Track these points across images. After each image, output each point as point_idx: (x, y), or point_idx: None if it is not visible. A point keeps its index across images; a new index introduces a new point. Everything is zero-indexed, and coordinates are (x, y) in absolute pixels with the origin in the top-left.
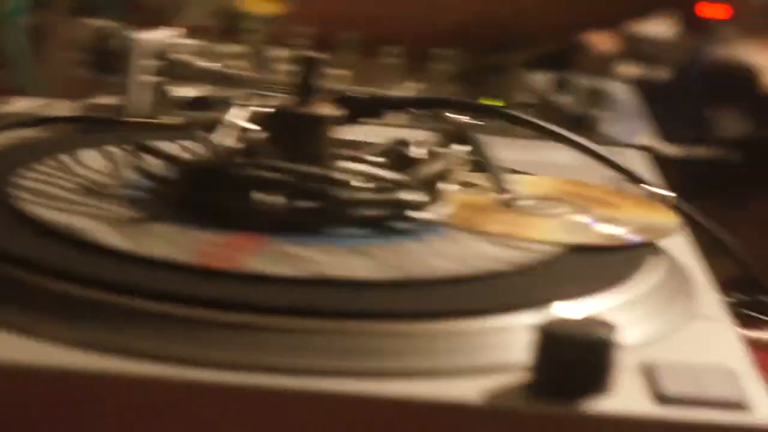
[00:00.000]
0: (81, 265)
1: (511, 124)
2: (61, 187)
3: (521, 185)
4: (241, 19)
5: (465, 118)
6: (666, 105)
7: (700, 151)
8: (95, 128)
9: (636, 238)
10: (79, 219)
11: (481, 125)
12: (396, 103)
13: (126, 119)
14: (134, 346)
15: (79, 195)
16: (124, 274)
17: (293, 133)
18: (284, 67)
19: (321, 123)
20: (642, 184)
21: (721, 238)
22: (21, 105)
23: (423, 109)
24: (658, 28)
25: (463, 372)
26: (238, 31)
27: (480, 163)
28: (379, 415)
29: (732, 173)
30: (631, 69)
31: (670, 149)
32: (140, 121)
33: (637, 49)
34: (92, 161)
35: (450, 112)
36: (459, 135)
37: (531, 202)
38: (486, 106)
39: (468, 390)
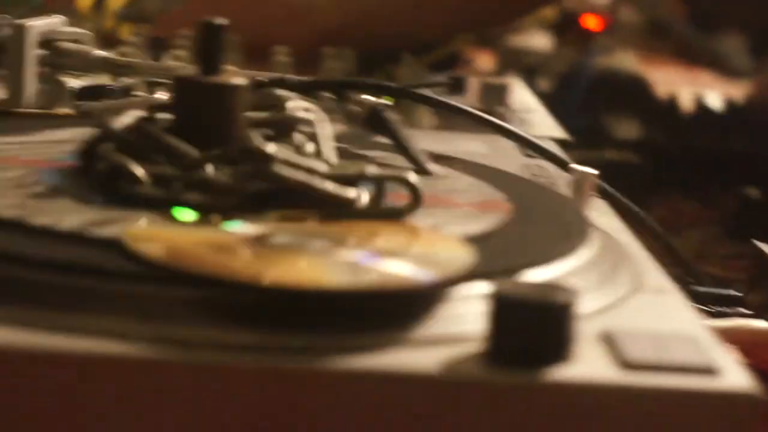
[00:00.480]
0: None
1: (428, 106)
2: None
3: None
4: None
5: (373, 99)
6: (553, 113)
7: (596, 155)
8: None
9: (423, 274)
10: None
11: (390, 106)
12: (311, 85)
13: (15, 110)
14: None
15: None
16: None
17: (197, 106)
18: (179, 53)
19: (228, 93)
20: (566, 165)
21: (639, 214)
22: None
23: (340, 90)
24: (536, 40)
25: (418, 343)
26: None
27: (397, 145)
28: (333, 389)
29: (630, 175)
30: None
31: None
32: (30, 112)
33: (516, 62)
34: None
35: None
36: (372, 116)
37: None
38: (402, 88)
39: (424, 360)
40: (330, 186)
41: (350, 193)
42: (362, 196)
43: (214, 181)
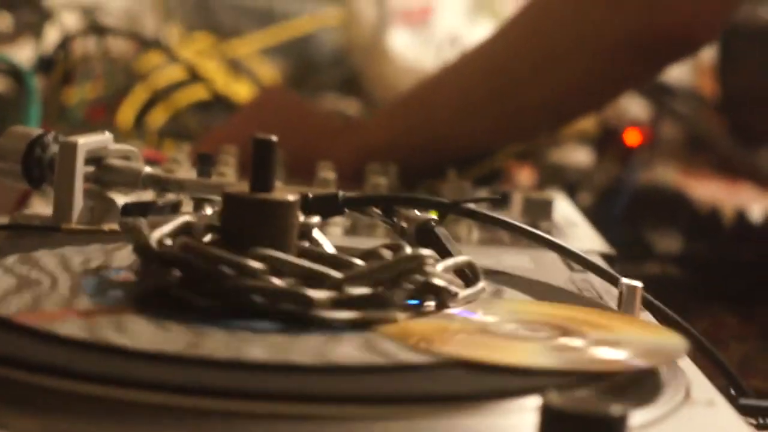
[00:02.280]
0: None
1: (477, 221)
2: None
3: (499, 308)
4: None
5: (420, 214)
6: (595, 227)
7: (637, 268)
8: (29, 236)
9: (639, 362)
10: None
11: (435, 220)
12: (363, 201)
13: (62, 227)
14: None
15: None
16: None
17: (249, 221)
18: (225, 169)
19: (281, 209)
20: (615, 279)
21: (684, 326)
22: None
23: (391, 206)
24: (576, 155)
25: None
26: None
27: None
28: None
29: (672, 288)
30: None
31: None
32: (78, 228)
33: (558, 177)
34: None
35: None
36: (421, 230)
37: (512, 326)
38: (450, 203)
39: None
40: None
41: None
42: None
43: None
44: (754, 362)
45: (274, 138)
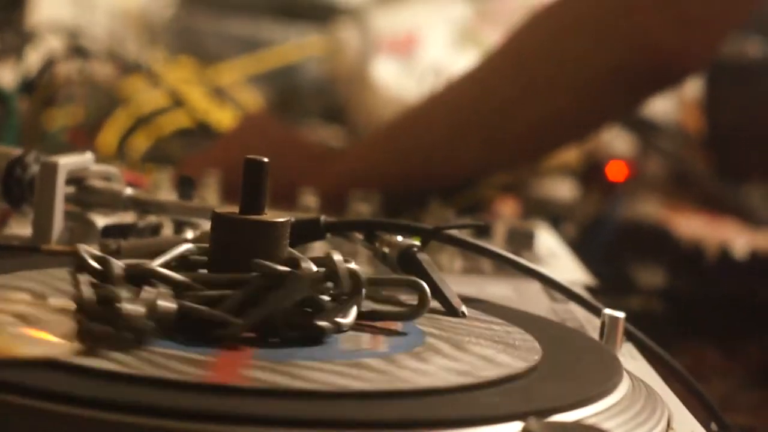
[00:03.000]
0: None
1: (460, 248)
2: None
3: None
4: None
5: (403, 240)
6: (578, 260)
7: (620, 303)
8: (7, 257)
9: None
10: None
11: (417, 246)
12: (345, 226)
13: (42, 247)
14: None
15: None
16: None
17: (240, 242)
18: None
19: (273, 230)
20: (598, 310)
21: (666, 359)
22: None
23: (373, 231)
24: (560, 188)
25: None
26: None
27: (429, 285)
28: None
29: (654, 323)
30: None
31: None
32: (58, 249)
33: (541, 210)
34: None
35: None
36: (403, 256)
37: None
38: (432, 229)
39: None
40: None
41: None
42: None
43: None
44: (736, 398)
45: (266, 160)
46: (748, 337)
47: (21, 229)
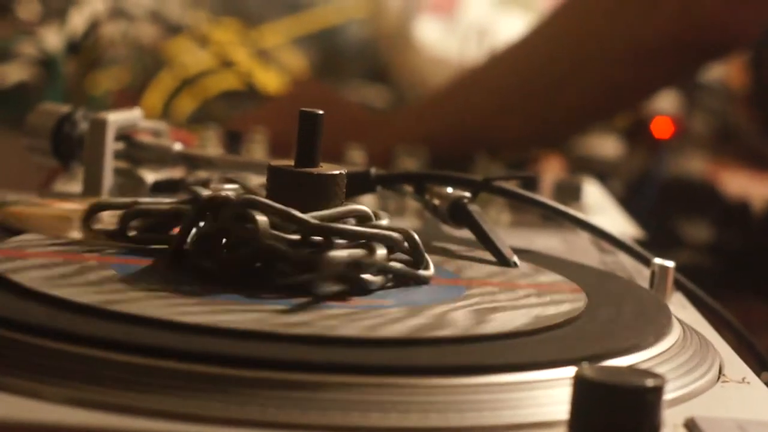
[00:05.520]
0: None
1: (511, 199)
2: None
3: None
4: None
5: (453, 192)
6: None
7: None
8: None
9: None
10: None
11: (468, 198)
12: (395, 178)
13: None
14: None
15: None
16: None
17: (296, 194)
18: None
19: (329, 182)
20: (647, 259)
21: (716, 308)
22: None
23: (423, 183)
24: (606, 145)
25: (508, 428)
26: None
27: (480, 237)
28: None
29: (702, 278)
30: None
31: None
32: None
33: (587, 167)
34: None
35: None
36: (454, 208)
37: None
38: (482, 181)
39: None
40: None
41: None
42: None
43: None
44: None
45: (321, 112)
46: None
47: (68, 186)
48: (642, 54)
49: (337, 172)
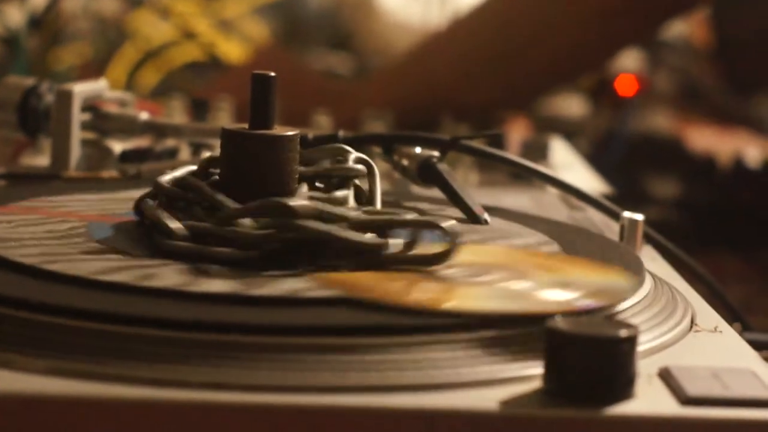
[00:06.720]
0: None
1: (480, 158)
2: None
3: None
4: None
5: (422, 151)
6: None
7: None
8: (28, 185)
9: (589, 302)
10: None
11: (436, 157)
12: (364, 139)
13: (62, 174)
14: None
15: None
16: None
17: (249, 157)
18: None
19: (282, 143)
20: (617, 214)
21: (685, 260)
22: None
23: (391, 144)
24: (571, 104)
25: (483, 383)
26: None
27: (450, 196)
28: (399, 427)
29: (671, 233)
30: None
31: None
32: (76, 175)
33: (552, 127)
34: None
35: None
36: (423, 168)
37: (458, 270)
38: (450, 140)
39: (486, 398)
40: (352, 234)
41: (375, 240)
42: (393, 242)
43: (240, 235)
44: (755, 302)
45: (273, 74)
46: (763, 245)
47: (34, 159)
48: (605, 13)
49: (290, 133)
